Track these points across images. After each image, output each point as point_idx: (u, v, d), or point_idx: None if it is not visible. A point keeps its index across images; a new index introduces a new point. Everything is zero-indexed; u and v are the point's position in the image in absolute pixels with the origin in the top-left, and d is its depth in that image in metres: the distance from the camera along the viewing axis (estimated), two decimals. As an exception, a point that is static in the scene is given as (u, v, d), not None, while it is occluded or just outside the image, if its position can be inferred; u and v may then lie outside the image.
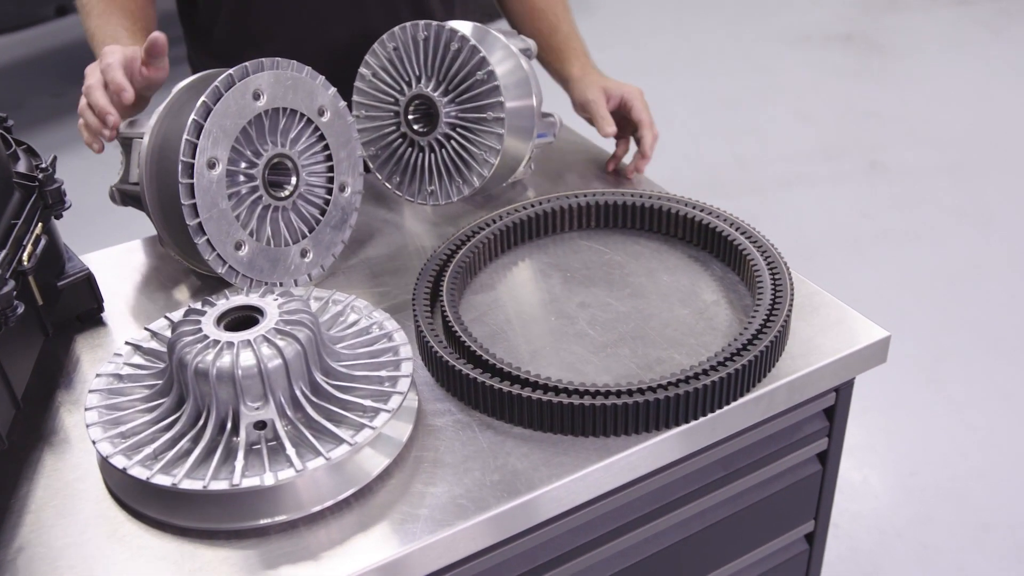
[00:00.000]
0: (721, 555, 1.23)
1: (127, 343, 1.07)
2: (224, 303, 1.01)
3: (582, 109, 1.49)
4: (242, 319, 1.00)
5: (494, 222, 1.28)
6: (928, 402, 2.45)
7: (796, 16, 4.72)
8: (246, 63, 1.14)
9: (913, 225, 3.15)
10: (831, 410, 1.19)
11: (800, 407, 1.13)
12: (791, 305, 1.10)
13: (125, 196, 1.24)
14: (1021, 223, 3.14)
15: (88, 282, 1.19)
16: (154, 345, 1.07)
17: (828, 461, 1.23)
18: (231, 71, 1.13)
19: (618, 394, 0.99)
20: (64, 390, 1.13)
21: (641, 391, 0.99)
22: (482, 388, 1.02)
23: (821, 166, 3.50)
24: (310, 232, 1.25)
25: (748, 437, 1.12)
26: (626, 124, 1.49)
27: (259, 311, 0.99)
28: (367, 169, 1.42)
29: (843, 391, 1.17)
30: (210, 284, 1.28)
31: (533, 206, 1.31)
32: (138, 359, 1.06)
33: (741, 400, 1.04)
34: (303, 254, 1.24)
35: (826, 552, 2.09)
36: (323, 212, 1.26)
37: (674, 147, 2.86)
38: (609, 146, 1.55)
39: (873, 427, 2.39)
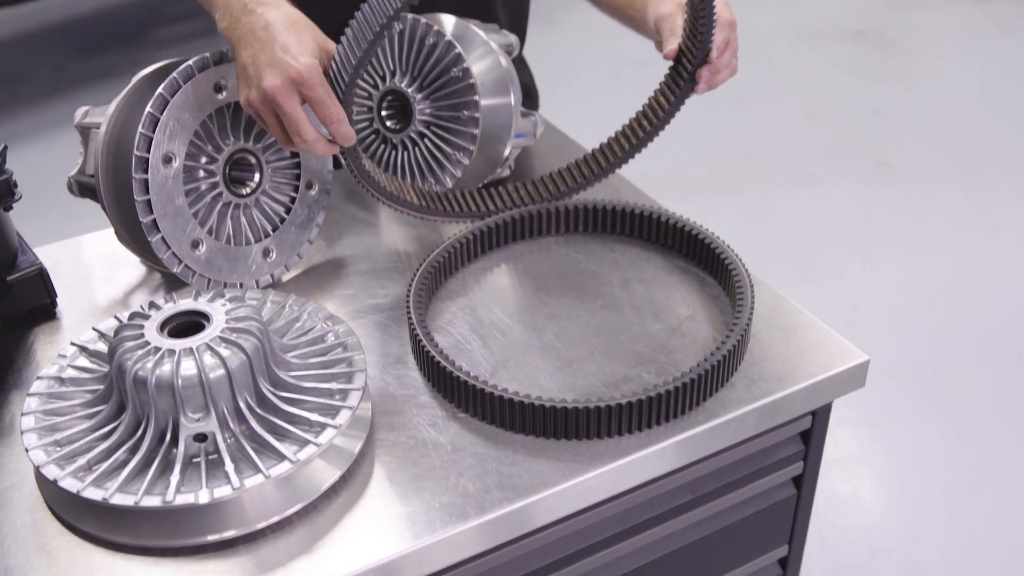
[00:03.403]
0: (689, 578, 1.19)
1: (72, 344, 1.03)
2: (170, 307, 0.96)
3: (655, 31, 1.22)
4: (188, 324, 0.95)
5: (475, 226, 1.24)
6: (925, 413, 2.40)
7: (810, 11, 4.64)
8: (207, 53, 1.10)
9: (917, 228, 3.08)
10: (807, 433, 1.14)
11: (774, 431, 1.09)
12: (749, 323, 1.05)
13: (83, 188, 1.20)
14: (1029, 230, 3.07)
15: (40, 277, 1.15)
16: (101, 347, 1.03)
17: (804, 485, 1.18)
18: (191, 61, 1.08)
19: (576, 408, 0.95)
20: (15, 389, 1.09)
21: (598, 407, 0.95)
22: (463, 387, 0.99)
23: (827, 165, 3.44)
24: (274, 231, 1.21)
25: (717, 461, 1.07)
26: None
27: (205, 317, 0.95)
28: (337, 165, 1.38)
29: (820, 415, 1.12)
30: (172, 281, 1.24)
31: (510, 208, 1.26)
32: (83, 361, 1.02)
33: (708, 424, 0.99)
34: (265, 254, 1.20)
35: (813, 566, 2.06)
36: (288, 210, 1.22)
37: (678, 140, 2.79)
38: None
39: (867, 439, 2.34)
